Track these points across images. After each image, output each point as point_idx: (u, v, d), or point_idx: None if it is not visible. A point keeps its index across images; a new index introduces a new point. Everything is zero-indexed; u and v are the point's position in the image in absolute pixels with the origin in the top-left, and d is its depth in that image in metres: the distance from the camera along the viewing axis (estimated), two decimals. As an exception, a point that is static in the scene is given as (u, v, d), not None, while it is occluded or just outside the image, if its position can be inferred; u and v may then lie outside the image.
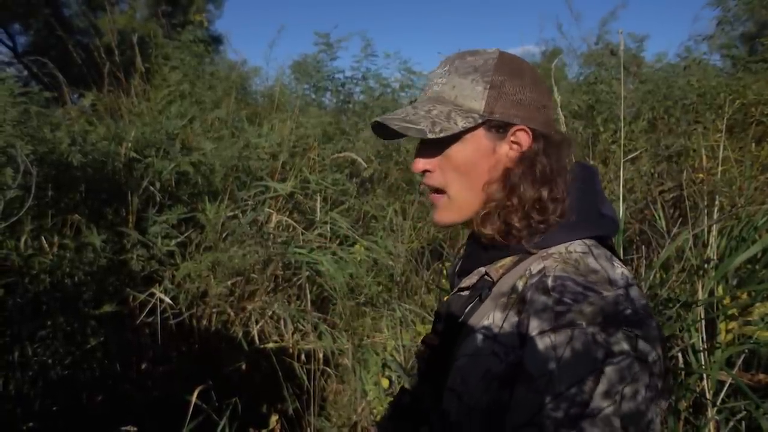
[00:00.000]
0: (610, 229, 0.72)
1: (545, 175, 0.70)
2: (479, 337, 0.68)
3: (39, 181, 2.24)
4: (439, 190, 0.75)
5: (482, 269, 0.75)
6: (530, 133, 0.71)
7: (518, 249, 0.71)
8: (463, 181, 0.72)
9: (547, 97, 0.74)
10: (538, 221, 0.69)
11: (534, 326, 0.61)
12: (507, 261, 0.72)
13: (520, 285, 0.67)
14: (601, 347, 0.57)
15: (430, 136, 0.69)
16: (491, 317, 0.68)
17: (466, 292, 0.76)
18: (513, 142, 0.71)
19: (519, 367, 0.61)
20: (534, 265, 0.67)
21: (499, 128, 0.71)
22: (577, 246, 0.68)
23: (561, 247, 0.68)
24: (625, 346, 0.57)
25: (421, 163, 0.75)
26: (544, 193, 0.69)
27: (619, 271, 0.66)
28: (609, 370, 0.56)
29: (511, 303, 0.66)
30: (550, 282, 0.63)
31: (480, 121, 0.70)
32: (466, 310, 0.73)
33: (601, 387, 0.56)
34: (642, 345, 0.58)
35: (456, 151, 0.72)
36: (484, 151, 0.72)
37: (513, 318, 0.65)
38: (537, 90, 0.72)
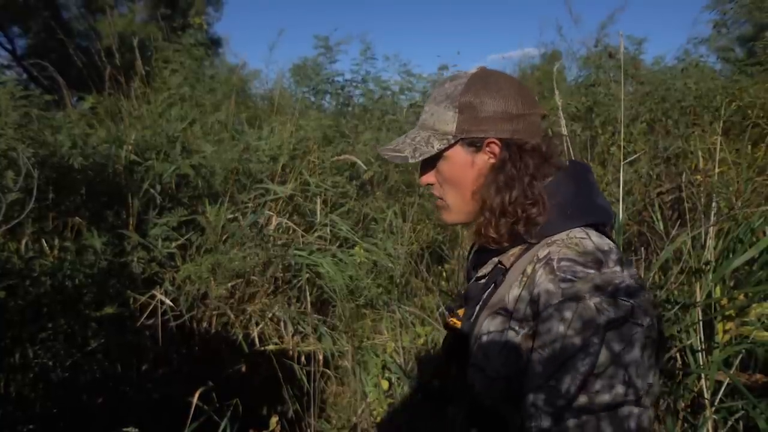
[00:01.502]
0: (604, 217, 0.81)
1: (509, 182, 0.80)
2: (497, 316, 0.78)
3: (40, 184, 2.24)
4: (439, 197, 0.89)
5: (495, 259, 0.85)
6: (499, 143, 0.80)
7: (523, 240, 0.81)
8: (454, 191, 0.85)
9: (526, 105, 0.81)
10: (513, 222, 0.79)
11: (544, 301, 0.70)
12: (516, 250, 0.82)
13: (529, 269, 0.77)
14: (602, 315, 0.66)
15: (411, 160, 0.84)
16: (507, 298, 0.78)
17: (483, 280, 0.87)
18: (490, 152, 0.82)
19: (533, 337, 0.71)
20: (540, 251, 0.77)
21: (473, 144, 0.82)
22: (576, 232, 0.77)
23: (563, 234, 0.77)
24: (623, 312, 0.66)
25: (423, 179, 0.90)
26: (506, 198, 0.79)
27: (614, 251, 0.75)
28: (610, 334, 0.65)
29: (523, 284, 0.76)
30: (555, 264, 0.73)
31: (453, 141, 0.82)
32: (484, 295, 0.84)
33: (605, 349, 0.65)
34: (637, 312, 0.67)
35: (442, 167, 0.85)
36: (465, 165, 0.83)
37: (525, 297, 0.75)
38: (508, 101, 0.80)
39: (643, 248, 2.12)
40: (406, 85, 4.43)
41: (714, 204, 1.89)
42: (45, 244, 2.34)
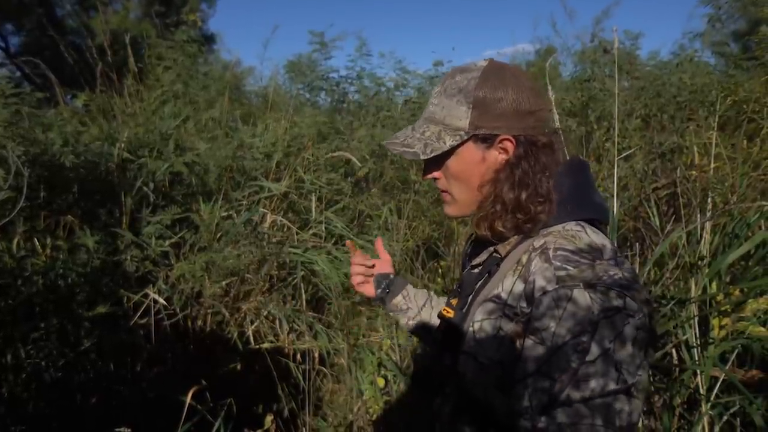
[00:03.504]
0: (600, 213, 0.83)
1: (524, 179, 0.79)
2: (491, 304, 0.79)
3: (31, 182, 2.22)
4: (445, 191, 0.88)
5: (491, 248, 0.86)
6: (513, 141, 0.80)
7: (522, 232, 0.81)
8: (461, 186, 0.84)
9: (537, 101, 0.81)
10: (524, 221, 0.79)
11: (539, 288, 0.71)
12: (513, 239, 0.83)
13: (524, 258, 0.78)
14: (596, 304, 0.67)
15: (423, 157, 0.82)
16: (501, 287, 0.79)
17: (478, 269, 0.89)
18: (501, 148, 0.81)
19: (527, 324, 0.72)
20: (536, 241, 0.78)
21: (485, 140, 0.81)
22: (572, 225, 0.79)
23: (559, 227, 0.79)
24: (617, 303, 0.67)
25: (428, 174, 0.88)
26: (523, 195, 0.79)
27: (609, 246, 0.76)
28: (603, 326, 0.66)
29: (518, 273, 0.77)
30: (551, 253, 0.74)
31: (465, 137, 0.81)
32: (478, 285, 0.85)
33: (597, 338, 0.65)
34: (630, 303, 0.68)
35: (451, 163, 0.83)
36: (475, 161, 0.82)
37: (520, 285, 0.76)
38: (521, 97, 0.79)
39: (638, 243, 2.12)
40: (401, 82, 4.42)
41: (709, 199, 1.88)
42: (37, 243, 2.32)
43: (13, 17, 10.48)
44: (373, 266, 1.16)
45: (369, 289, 1.17)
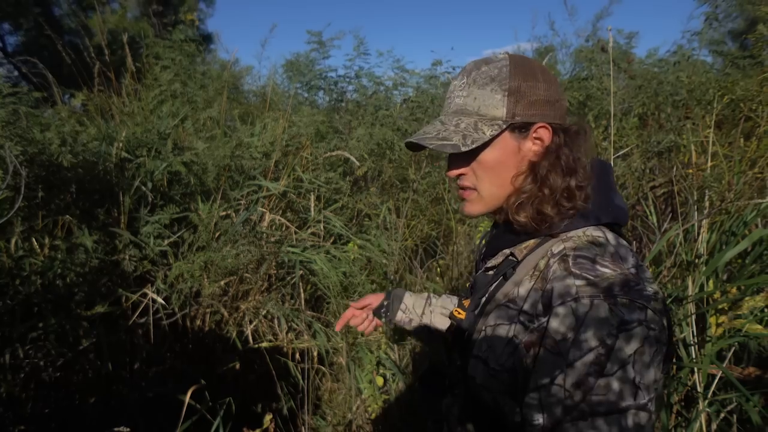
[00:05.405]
0: (621, 217, 0.80)
1: (570, 166, 0.78)
2: (505, 309, 0.77)
3: (29, 182, 2.22)
4: (470, 187, 0.84)
5: (507, 251, 0.84)
6: (550, 128, 0.79)
7: (542, 233, 0.79)
8: (492, 179, 0.81)
9: (559, 90, 0.81)
10: (568, 207, 0.77)
11: (557, 296, 0.69)
12: (530, 243, 0.80)
13: (542, 264, 0.75)
14: (616, 315, 0.65)
15: (464, 149, 0.77)
16: (516, 292, 0.76)
17: (492, 272, 0.85)
18: (535, 138, 0.79)
19: (543, 332, 0.69)
20: (555, 246, 0.76)
21: (522, 128, 0.79)
22: (593, 230, 0.77)
23: (579, 232, 0.77)
24: (636, 315, 0.65)
25: (455, 171, 0.84)
26: (572, 182, 0.77)
27: (630, 252, 0.74)
28: (623, 335, 0.64)
29: (535, 278, 0.75)
30: (571, 260, 0.71)
31: (504, 126, 0.78)
32: (492, 287, 0.82)
33: (616, 351, 0.63)
34: (650, 315, 0.66)
35: (486, 155, 0.80)
36: (511, 151, 0.80)
37: (537, 291, 0.73)
38: (549, 87, 0.80)
39: (635, 242, 2.12)
40: (399, 81, 4.41)
41: (706, 197, 1.88)
42: (35, 243, 2.32)
43: (10, 17, 10.45)
44: (365, 306, 1.18)
45: (374, 324, 1.19)
